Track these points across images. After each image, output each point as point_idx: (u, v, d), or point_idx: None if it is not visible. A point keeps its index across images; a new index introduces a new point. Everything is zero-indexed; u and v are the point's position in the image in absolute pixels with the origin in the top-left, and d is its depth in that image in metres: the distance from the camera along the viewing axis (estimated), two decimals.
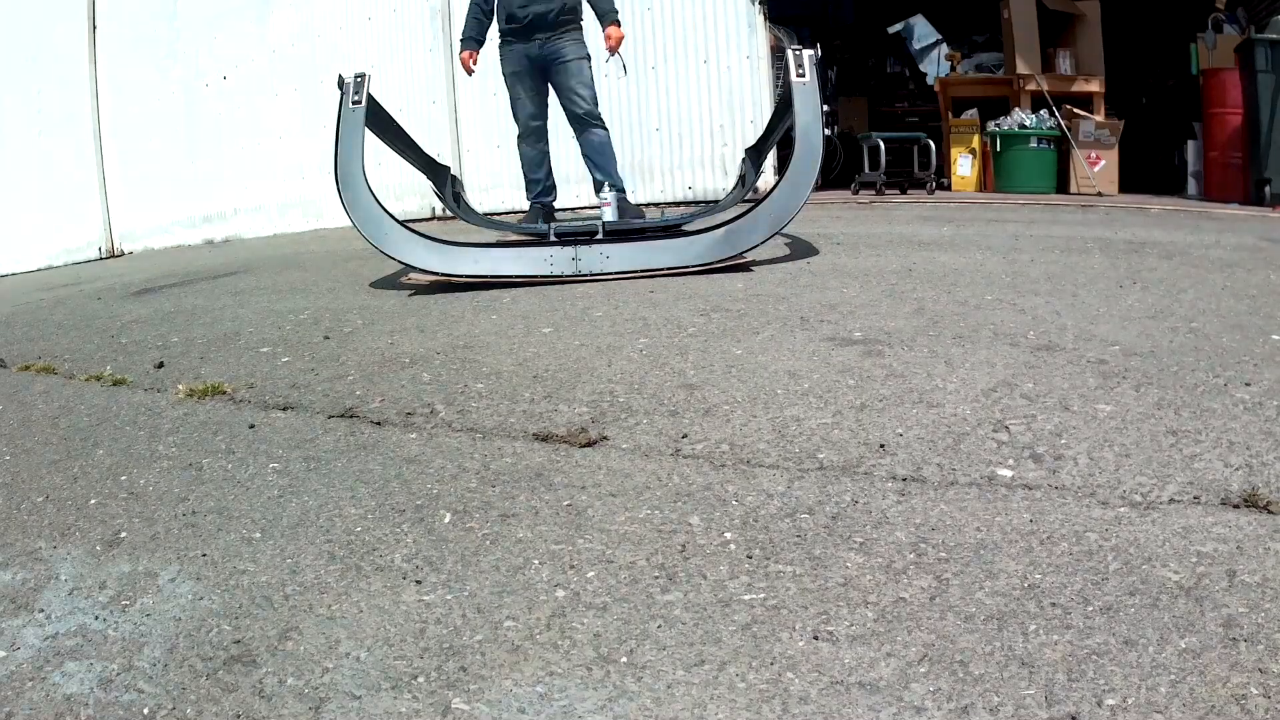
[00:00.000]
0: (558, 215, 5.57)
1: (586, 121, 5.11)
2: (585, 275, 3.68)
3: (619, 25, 5.06)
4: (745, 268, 3.73)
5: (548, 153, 5.29)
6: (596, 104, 5.14)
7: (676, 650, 1.28)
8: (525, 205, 6.18)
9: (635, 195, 7.13)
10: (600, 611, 1.38)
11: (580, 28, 5.12)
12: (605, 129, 5.18)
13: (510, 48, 5.09)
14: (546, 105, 5.17)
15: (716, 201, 5.99)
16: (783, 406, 2.12)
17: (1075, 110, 7.24)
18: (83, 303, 4.84)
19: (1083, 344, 2.50)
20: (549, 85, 5.14)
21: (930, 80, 8.33)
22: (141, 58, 8.73)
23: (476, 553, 1.59)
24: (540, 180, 5.30)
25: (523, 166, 5.33)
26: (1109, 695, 1.13)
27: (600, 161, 5.16)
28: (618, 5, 5.09)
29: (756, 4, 6.77)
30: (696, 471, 1.83)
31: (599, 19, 5.07)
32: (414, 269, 3.88)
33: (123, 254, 8.83)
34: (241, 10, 8.37)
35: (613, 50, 4.98)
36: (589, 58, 5.11)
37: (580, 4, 5.05)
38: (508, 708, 1.19)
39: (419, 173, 5.18)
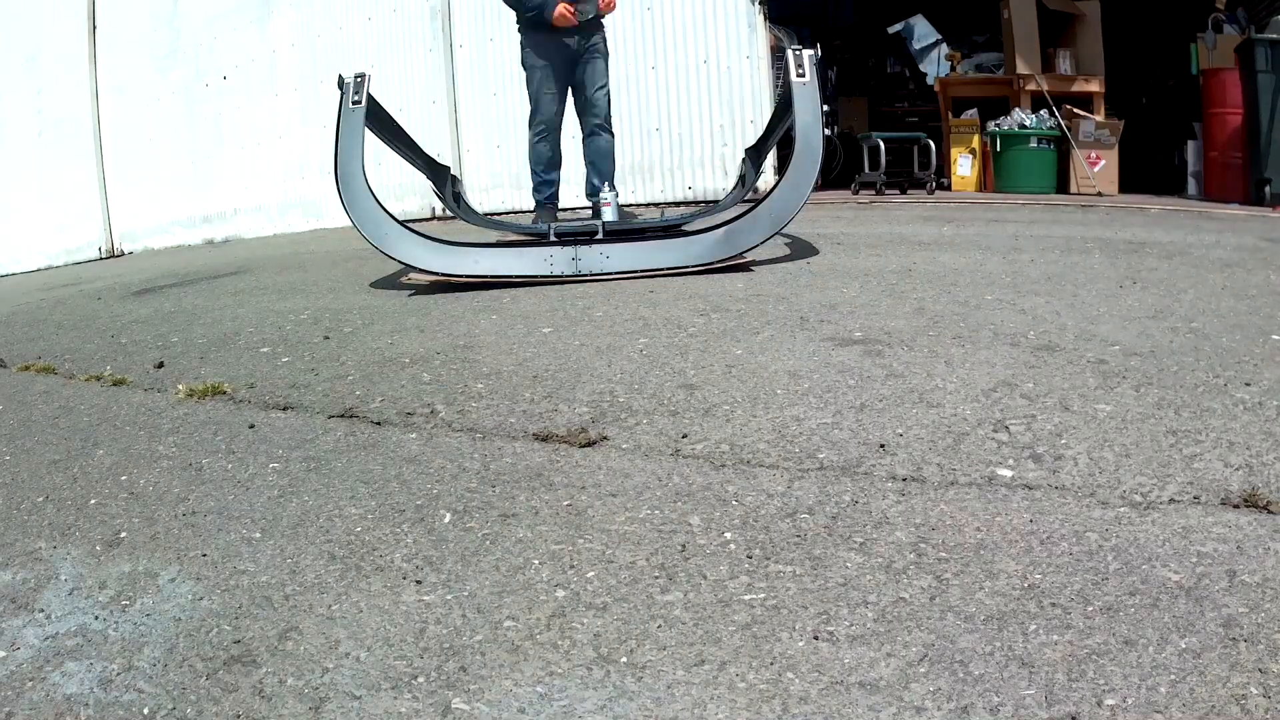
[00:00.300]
0: (558, 215, 5.59)
1: (603, 124, 5.18)
2: (585, 275, 3.68)
3: None
4: (745, 268, 3.73)
5: (560, 152, 5.34)
6: (610, 108, 5.19)
7: (676, 650, 1.28)
8: (525, 205, 6.18)
9: (635, 195, 7.14)
10: (600, 611, 1.38)
11: (604, 26, 5.17)
12: (613, 135, 5.25)
13: (544, 41, 5.08)
14: (566, 104, 5.20)
15: (716, 201, 5.99)
16: (783, 406, 2.12)
17: (1075, 110, 7.23)
18: (83, 303, 4.84)
19: (1083, 344, 2.50)
20: (570, 83, 5.17)
21: (930, 80, 8.32)
22: (141, 58, 8.73)
23: (476, 553, 1.59)
24: (553, 180, 5.33)
25: (537, 164, 5.33)
26: (1109, 695, 1.13)
27: (601, 166, 5.22)
28: (620, 3, 5.18)
29: (756, 4, 6.76)
30: (696, 471, 1.83)
31: None
32: (414, 269, 3.88)
33: (123, 254, 8.83)
34: (241, 10, 8.37)
35: (603, 11, 5.02)
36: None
37: None
38: (508, 708, 1.19)
39: (419, 173, 5.19)
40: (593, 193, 5.18)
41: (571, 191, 7.27)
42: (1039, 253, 3.99)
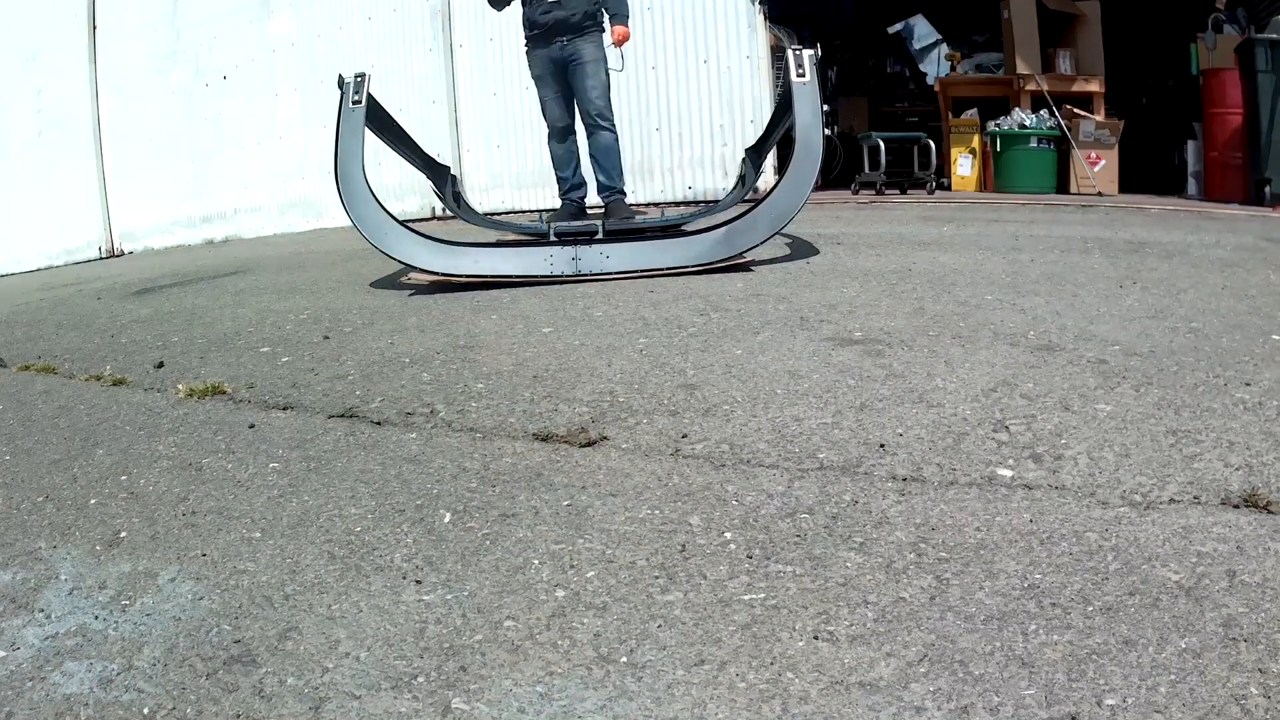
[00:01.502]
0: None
1: (596, 122, 5.23)
2: (585, 275, 3.68)
3: (626, 25, 5.22)
4: (745, 268, 3.73)
5: (575, 151, 5.40)
6: (609, 106, 5.24)
7: (676, 650, 1.28)
8: (525, 205, 6.18)
9: (635, 195, 7.12)
10: (600, 611, 1.38)
11: (601, 31, 5.24)
12: (613, 132, 5.27)
13: (535, 52, 5.23)
14: (572, 106, 5.30)
15: (716, 201, 5.99)
16: (783, 406, 2.12)
17: (1075, 110, 7.23)
18: (83, 303, 4.84)
19: (1083, 344, 2.50)
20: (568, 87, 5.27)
21: (930, 80, 8.32)
22: (141, 58, 8.73)
23: (476, 553, 1.59)
24: (568, 178, 5.41)
25: (553, 164, 5.45)
26: (1109, 695, 1.13)
27: (604, 163, 5.25)
28: (630, 7, 5.21)
29: (756, 4, 6.76)
30: (696, 471, 1.83)
31: (610, 18, 5.21)
32: (414, 269, 3.88)
33: (123, 254, 8.83)
34: (241, 10, 8.37)
35: (617, 44, 5.17)
36: (605, 60, 5.22)
37: (599, 9, 5.17)
38: (508, 708, 1.19)
39: (419, 173, 5.19)
40: (601, 190, 5.25)
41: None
42: (1039, 253, 3.99)
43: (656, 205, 6.80)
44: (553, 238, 3.90)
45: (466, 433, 2.13)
